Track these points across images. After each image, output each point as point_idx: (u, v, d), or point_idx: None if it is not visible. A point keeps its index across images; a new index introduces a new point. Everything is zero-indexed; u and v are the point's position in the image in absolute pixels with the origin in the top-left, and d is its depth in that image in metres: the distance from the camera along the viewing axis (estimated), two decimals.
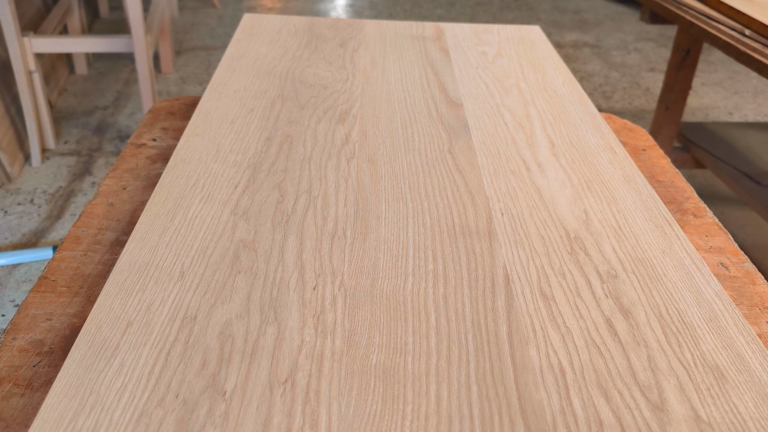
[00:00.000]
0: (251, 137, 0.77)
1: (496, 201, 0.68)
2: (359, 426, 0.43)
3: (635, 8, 3.75)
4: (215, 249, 0.59)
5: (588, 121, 0.86)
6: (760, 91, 2.78)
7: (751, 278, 0.64)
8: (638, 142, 0.90)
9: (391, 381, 0.47)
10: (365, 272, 0.57)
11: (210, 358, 0.48)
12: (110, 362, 0.47)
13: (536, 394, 0.47)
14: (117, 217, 0.69)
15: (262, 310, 0.52)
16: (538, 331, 0.52)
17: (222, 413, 0.44)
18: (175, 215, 0.63)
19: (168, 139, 0.85)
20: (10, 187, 1.91)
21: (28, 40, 1.88)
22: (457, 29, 1.16)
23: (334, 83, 0.92)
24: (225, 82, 0.90)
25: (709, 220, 0.73)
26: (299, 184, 0.69)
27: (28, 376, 0.50)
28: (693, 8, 1.51)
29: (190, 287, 0.54)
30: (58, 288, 0.59)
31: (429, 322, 0.52)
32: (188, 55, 2.87)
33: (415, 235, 0.62)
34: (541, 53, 1.07)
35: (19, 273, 1.60)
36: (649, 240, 0.63)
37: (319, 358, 0.48)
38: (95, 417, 0.43)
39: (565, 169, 0.74)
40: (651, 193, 0.71)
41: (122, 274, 0.55)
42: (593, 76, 2.87)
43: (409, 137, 0.79)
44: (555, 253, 0.61)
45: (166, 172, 0.70)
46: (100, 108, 2.37)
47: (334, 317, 0.52)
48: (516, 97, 0.91)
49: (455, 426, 0.44)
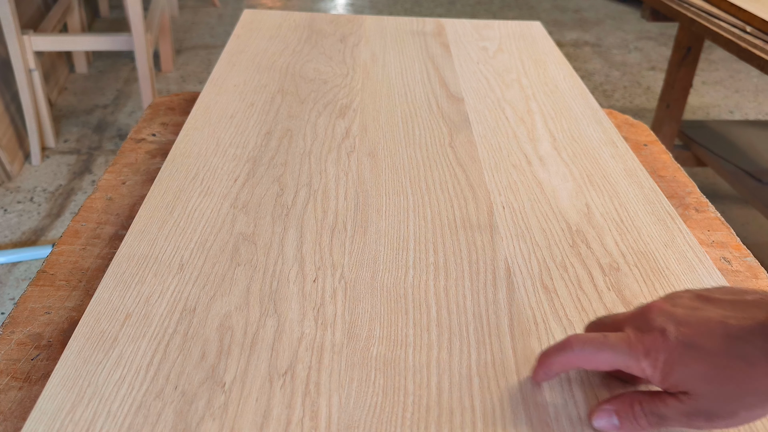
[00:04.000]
0: (251, 131, 0.77)
1: (498, 194, 0.68)
2: (360, 417, 0.43)
3: (636, 7, 3.75)
4: (215, 242, 0.58)
5: (589, 115, 0.85)
6: (760, 90, 2.78)
7: (754, 272, 0.64)
8: (639, 137, 0.90)
9: (392, 373, 0.46)
10: (366, 265, 0.57)
11: (209, 350, 0.47)
12: (108, 354, 0.46)
13: (538, 387, 0.46)
14: (116, 212, 0.68)
15: (261, 303, 0.52)
16: (540, 323, 0.52)
17: (221, 405, 0.43)
18: (174, 208, 0.63)
19: (167, 134, 0.84)
20: (10, 185, 1.91)
21: (27, 39, 1.88)
22: (458, 25, 1.15)
23: (335, 78, 0.92)
24: (225, 77, 0.90)
25: (711, 215, 0.73)
26: (299, 177, 0.68)
27: (26, 369, 0.49)
28: (694, 5, 1.50)
29: (189, 279, 0.54)
30: (57, 282, 0.58)
31: (430, 315, 0.52)
32: (188, 54, 2.86)
33: (416, 228, 0.62)
34: (543, 49, 1.07)
35: (19, 271, 1.59)
36: (652, 233, 0.63)
37: (319, 350, 0.48)
38: (93, 408, 0.42)
39: (567, 163, 0.74)
40: (653, 187, 0.70)
41: (121, 267, 0.55)
42: (594, 74, 2.86)
43: (410, 131, 0.79)
44: (557, 246, 0.60)
45: (165, 166, 0.69)
46: (100, 106, 2.37)
47: (335, 309, 0.52)
48: (517, 91, 0.91)
49: (456, 417, 0.43)
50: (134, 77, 2.58)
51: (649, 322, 0.41)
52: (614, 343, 0.42)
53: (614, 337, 0.42)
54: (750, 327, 0.39)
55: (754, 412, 0.39)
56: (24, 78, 1.90)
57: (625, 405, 0.42)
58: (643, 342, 0.41)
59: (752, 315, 0.39)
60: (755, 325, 0.38)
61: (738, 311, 0.40)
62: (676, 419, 0.40)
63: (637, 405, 0.42)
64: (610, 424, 0.43)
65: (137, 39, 1.94)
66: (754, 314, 0.39)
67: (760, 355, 0.38)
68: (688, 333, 0.40)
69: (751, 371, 0.38)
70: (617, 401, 0.43)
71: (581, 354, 0.43)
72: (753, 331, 0.38)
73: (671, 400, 0.40)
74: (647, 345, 0.41)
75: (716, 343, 0.39)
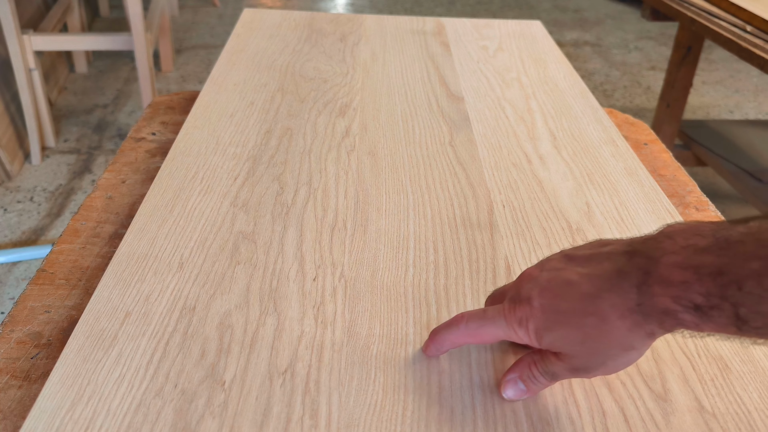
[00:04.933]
0: (251, 130, 0.77)
1: (498, 193, 0.67)
2: (360, 415, 0.43)
3: (636, 7, 3.75)
4: (214, 240, 0.58)
5: (590, 114, 0.85)
6: (760, 90, 2.78)
7: None
8: (640, 136, 0.90)
9: (392, 371, 0.46)
10: (366, 263, 0.57)
11: (209, 349, 0.47)
12: (108, 352, 0.46)
13: None
14: (116, 211, 0.68)
15: (261, 301, 0.52)
16: None
17: (221, 403, 0.43)
18: (174, 207, 0.62)
19: (167, 133, 0.84)
20: (10, 185, 1.91)
21: (27, 38, 1.88)
22: (458, 24, 1.15)
23: (335, 77, 0.92)
24: (225, 76, 0.90)
25: (712, 214, 0.73)
26: (299, 176, 0.68)
27: (26, 368, 0.49)
28: (694, 5, 1.50)
29: (189, 278, 0.54)
30: (57, 280, 0.58)
31: (430, 313, 0.52)
32: (188, 54, 2.86)
33: (416, 226, 0.62)
34: (543, 48, 1.07)
35: (19, 270, 1.59)
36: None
37: (319, 348, 0.48)
38: (93, 406, 0.42)
39: (567, 161, 0.74)
40: (653, 186, 0.70)
41: (121, 265, 0.55)
42: (594, 74, 2.86)
43: (410, 130, 0.79)
44: (557, 245, 0.60)
45: (165, 164, 0.69)
46: (100, 106, 2.36)
47: (335, 308, 0.52)
48: (517, 90, 0.91)
49: (457, 416, 0.43)
50: (134, 77, 2.57)
51: (520, 291, 0.43)
52: (492, 316, 0.44)
53: (492, 311, 0.44)
54: (600, 283, 0.39)
55: (619, 360, 0.41)
56: (24, 78, 1.90)
57: (525, 368, 0.44)
58: (515, 312, 0.42)
59: (603, 269, 0.40)
60: (605, 279, 0.39)
61: (592, 266, 0.41)
62: (565, 374, 0.43)
63: (534, 366, 0.44)
64: (518, 390, 0.44)
65: (137, 39, 1.93)
66: (605, 268, 0.40)
67: (608, 309, 0.39)
68: (549, 297, 0.41)
69: (603, 326, 0.39)
70: (517, 368, 0.45)
71: (466, 330, 0.45)
72: (602, 287, 0.39)
73: (554, 358, 0.42)
74: (518, 314, 0.42)
75: (572, 304, 0.40)
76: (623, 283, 0.38)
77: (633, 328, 0.38)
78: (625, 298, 0.38)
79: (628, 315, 0.38)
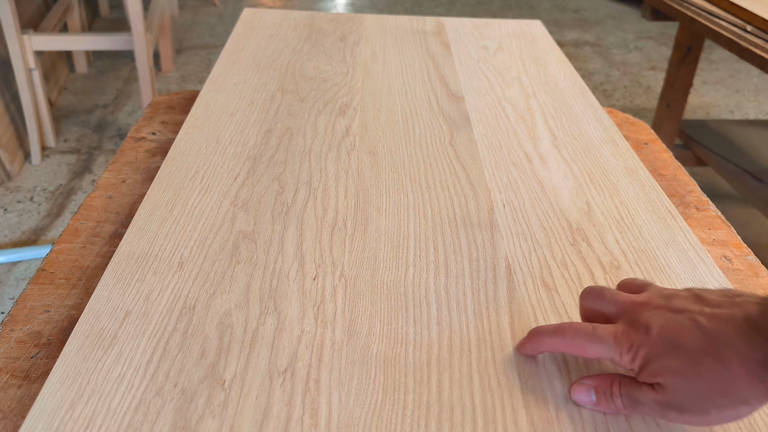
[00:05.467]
0: (251, 129, 0.77)
1: (498, 193, 0.67)
2: (360, 415, 0.43)
3: (636, 7, 3.75)
4: (214, 240, 0.58)
5: (590, 114, 0.85)
6: (761, 90, 2.78)
7: (755, 271, 0.64)
8: (640, 135, 0.90)
9: (392, 371, 0.46)
10: (366, 263, 0.56)
11: (209, 348, 0.47)
12: (108, 351, 0.46)
13: (538, 384, 0.46)
14: (116, 210, 0.68)
15: (261, 301, 0.52)
16: (540, 321, 0.52)
17: (221, 402, 0.43)
18: (174, 206, 0.62)
19: (167, 133, 0.84)
20: (10, 185, 1.91)
21: (27, 38, 1.88)
22: (458, 24, 1.15)
23: (335, 76, 0.92)
24: (225, 75, 0.90)
25: (712, 213, 0.73)
26: (299, 175, 0.68)
27: (26, 367, 0.49)
28: (694, 4, 1.50)
29: (189, 277, 0.54)
30: (57, 280, 0.58)
31: (430, 312, 0.52)
32: (188, 54, 2.86)
33: (416, 226, 0.62)
34: (543, 47, 1.07)
35: (19, 270, 1.59)
36: (652, 231, 0.63)
37: (320, 347, 0.48)
38: (92, 406, 0.42)
39: (567, 161, 0.74)
40: (654, 185, 0.70)
41: (120, 265, 0.55)
42: (594, 74, 2.86)
43: (410, 129, 0.79)
44: (557, 244, 0.60)
45: (165, 164, 0.69)
46: (100, 106, 2.36)
47: (335, 307, 0.52)
48: (517, 90, 0.91)
49: (457, 415, 0.43)
50: (134, 77, 2.57)
51: (638, 317, 0.42)
52: (602, 335, 0.43)
53: (602, 330, 0.43)
54: (728, 328, 0.38)
55: (725, 413, 0.39)
56: (24, 77, 1.90)
57: (604, 383, 0.44)
58: (629, 336, 0.42)
59: (733, 314, 0.39)
60: (734, 326, 0.38)
61: (723, 310, 0.40)
62: (649, 407, 0.41)
63: (616, 386, 0.43)
64: (588, 398, 0.44)
65: (137, 38, 1.93)
66: (736, 314, 0.39)
67: (734, 357, 0.38)
68: (671, 330, 0.40)
69: (723, 372, 0.38)
70: (597, 379, 0.44)
71: (572, 342, 0.44)
72: (730, 333, 0.38)
73: (647, 388, 0.41)
74: (632, 339, 0.42)
75: (694, 340, 0.39)
76: (753, 333, 0.37)
77: (753, 381, 0.37)
78: (753, 347, 0.37)
79: (753, 366, 0.37)
